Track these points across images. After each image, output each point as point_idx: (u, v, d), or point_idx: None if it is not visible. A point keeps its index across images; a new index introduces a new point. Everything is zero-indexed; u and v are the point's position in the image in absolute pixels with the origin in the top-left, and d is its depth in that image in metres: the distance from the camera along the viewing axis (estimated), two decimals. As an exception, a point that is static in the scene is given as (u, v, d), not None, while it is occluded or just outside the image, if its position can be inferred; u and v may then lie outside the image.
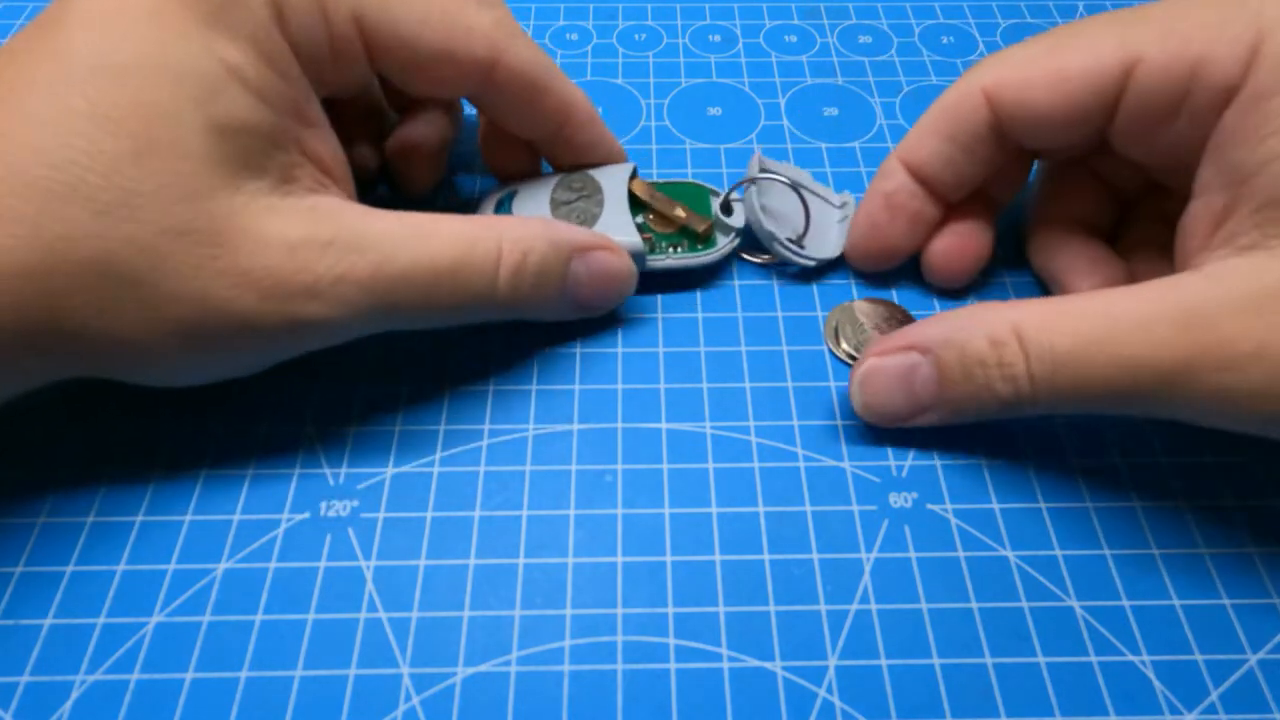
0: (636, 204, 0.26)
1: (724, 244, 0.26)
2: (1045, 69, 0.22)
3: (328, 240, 0.19)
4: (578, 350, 0.25)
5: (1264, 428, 0.18)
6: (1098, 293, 0.20)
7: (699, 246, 0.26)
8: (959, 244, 0.25)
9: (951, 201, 0.25)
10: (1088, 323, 0.19)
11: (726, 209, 0.27)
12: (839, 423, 0.23)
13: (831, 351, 0.25)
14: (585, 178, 0.26)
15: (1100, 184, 0.26)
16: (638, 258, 0.25)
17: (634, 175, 0.27)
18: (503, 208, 0.26)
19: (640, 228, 0.26)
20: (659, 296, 0.26)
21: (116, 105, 0.17)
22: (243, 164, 0.19)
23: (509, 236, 0.22)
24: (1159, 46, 0.20)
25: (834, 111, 0.32)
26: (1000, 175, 0.25)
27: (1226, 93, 0.19)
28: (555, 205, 0.26)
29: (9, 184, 0.17)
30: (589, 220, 0.25)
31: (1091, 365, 0.19)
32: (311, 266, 0.19)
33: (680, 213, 0.26)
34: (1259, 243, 0.18)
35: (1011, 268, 0.27)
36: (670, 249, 0.26)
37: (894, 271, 0.27)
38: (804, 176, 0.28)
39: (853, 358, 0.25)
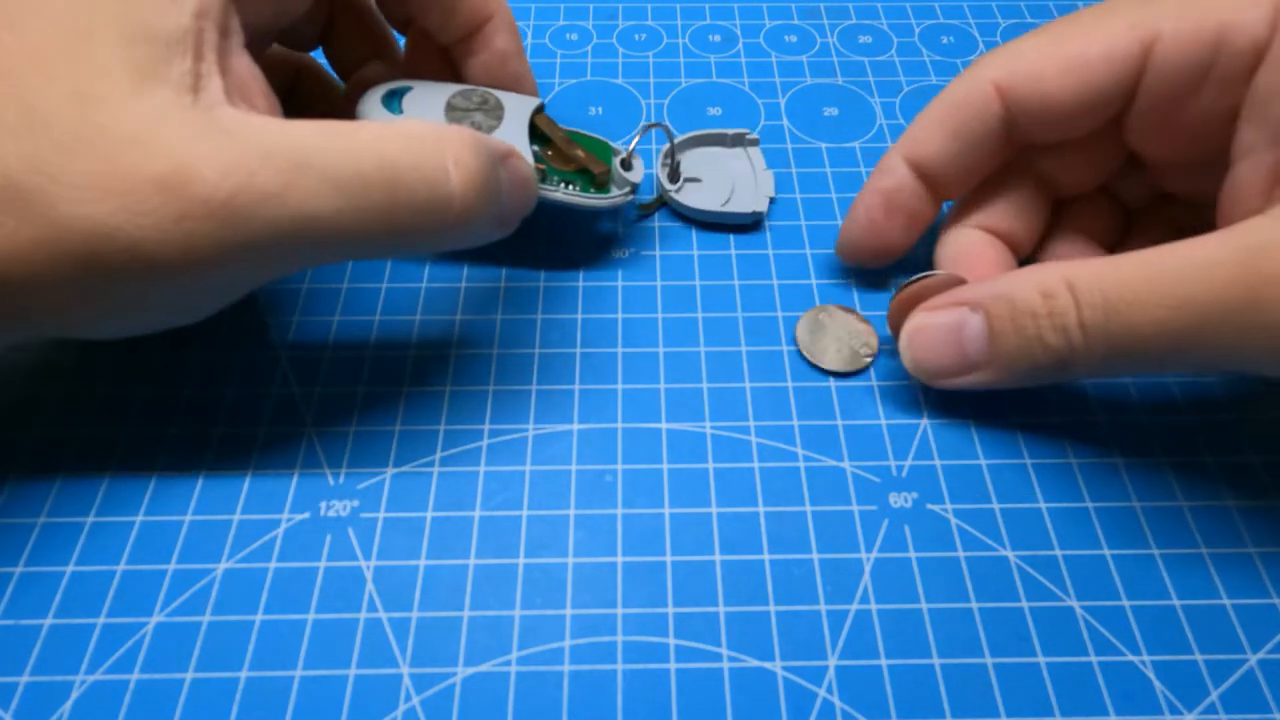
0: (536, 137, 0.25)
1: (616, 194, 0.26)
2: (1058, 57, 0.21)
3: (222, 146, 0.17)
4: (578, 350, 0.25)
5: None
6: (1156, 248, 0.19)
7: (591, 189, 0.26)
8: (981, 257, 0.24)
9: (951, 198, 0.25)
10: (1143, 269, 0.18)
11: (626, 165, 0.26)
12: (839, 423, 0.23)
13: (801, 354, 0.25)
14: (488, 94, 0.25)
15: (1111, 199, 0.25)
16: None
17: (540, 110, 0.26)
18: (392, 101, 0.24)
19: (536, 157, 0.25)
20: (660, 297, 0.26)
21: (37, 31, 0.17)
22: (148, 70, 0.17)
23: (450, 136, 0.19)
24: (1176, 21, 0.20)
25: (834, 111, 0.32)
26: (1023, 216, 0.25)
27: (1255, 54, 0.19)
28: (450, 109, 0.24)
29: None
30: (485, 131, 0.24)
31: (1146, 307, 0.18)
32: (204, 176, 0.16)
33: (579, 154, 0.25)
34: None
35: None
36: (562, 186, 0.25)
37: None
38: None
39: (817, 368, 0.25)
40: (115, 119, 0.17)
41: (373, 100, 0.24)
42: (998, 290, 0.21)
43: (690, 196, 0.28)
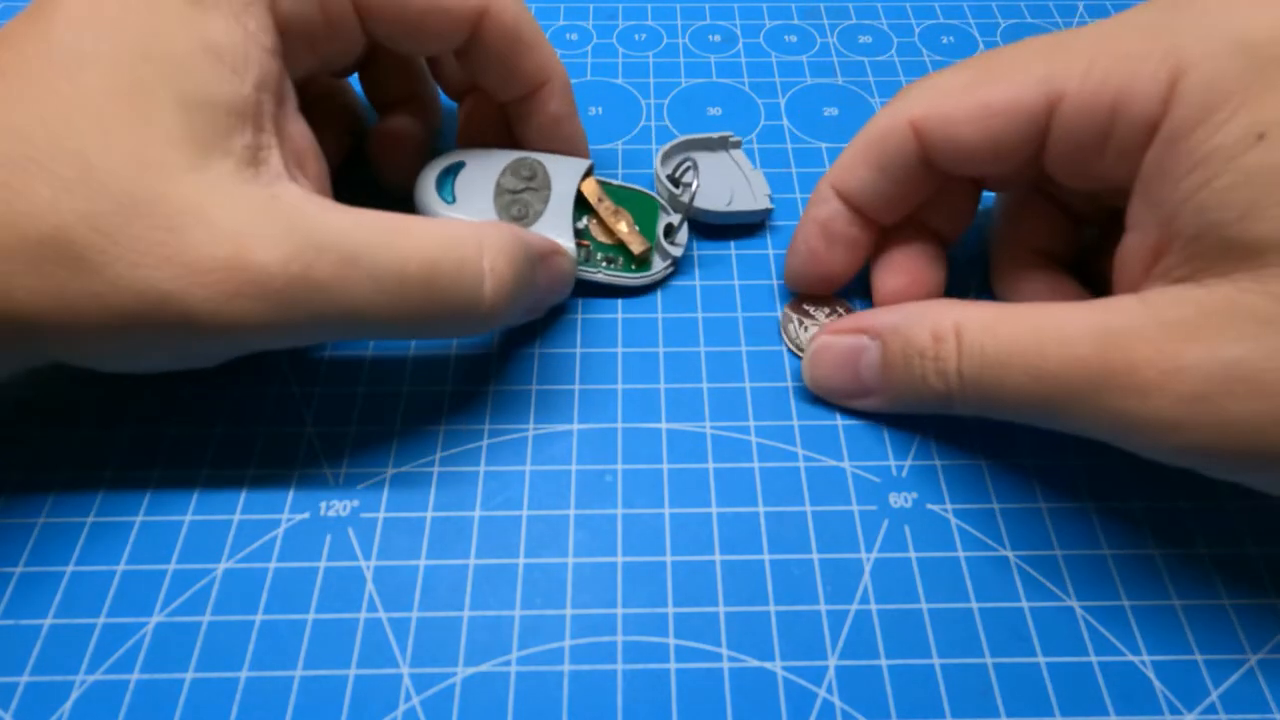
0: (582, 204, 0.26)
1: (658, 269, 0.26)
2: (969, 104, 0.21)
3: (284, 234, 0.18)
4: (578, 350, 0.25)
5: (1174, 458, 0.18)
6: (1044, 305, 0.20)
7: (633, 267, 0.26)
8: (908, 282, 0.24)
9: (886, 225, 0.25)
10: (1020, 330, 0.19)
11: (669, 233, 0.26)
12: (839, 423, 0.23)
13: (786, 346, 0.25)
14: (537, 166, 0.26)
15: (1059, 211, 0.25)
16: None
17: (588, 173, 0.26)
18: (445, 183, 0.25)
19: (580, 233, 0.26)
20: (660, 297, 0.26)
21: (94, 87, 0.17)
22: (209, 141, 0.18)
23: (490, 239, 0.21)
24: (1080, 82, 0.19)
25: (834, 111, 0.32)
26: (945, 208, 0.25)
27: (1148, 129, 0.18)
28: (500, 192, 0.25)
29: None
30: (531, 217, 0.25)
31: (1011, 371, 0.19)
32: (263, 262, 0.17)
33: (623, 228, 0.26)
34: (1190, 276, 0.18)
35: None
36: (604, 262, 0.26)
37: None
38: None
39: (800, 349, 0.25)
40: (176, 188, 0.17)
41: (428, 182, 0.25)
42: (896, 323, 0.22)
43: (703, 200, 0.27)
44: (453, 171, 0.26)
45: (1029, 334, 0.19)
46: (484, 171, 0.26)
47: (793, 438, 0.23)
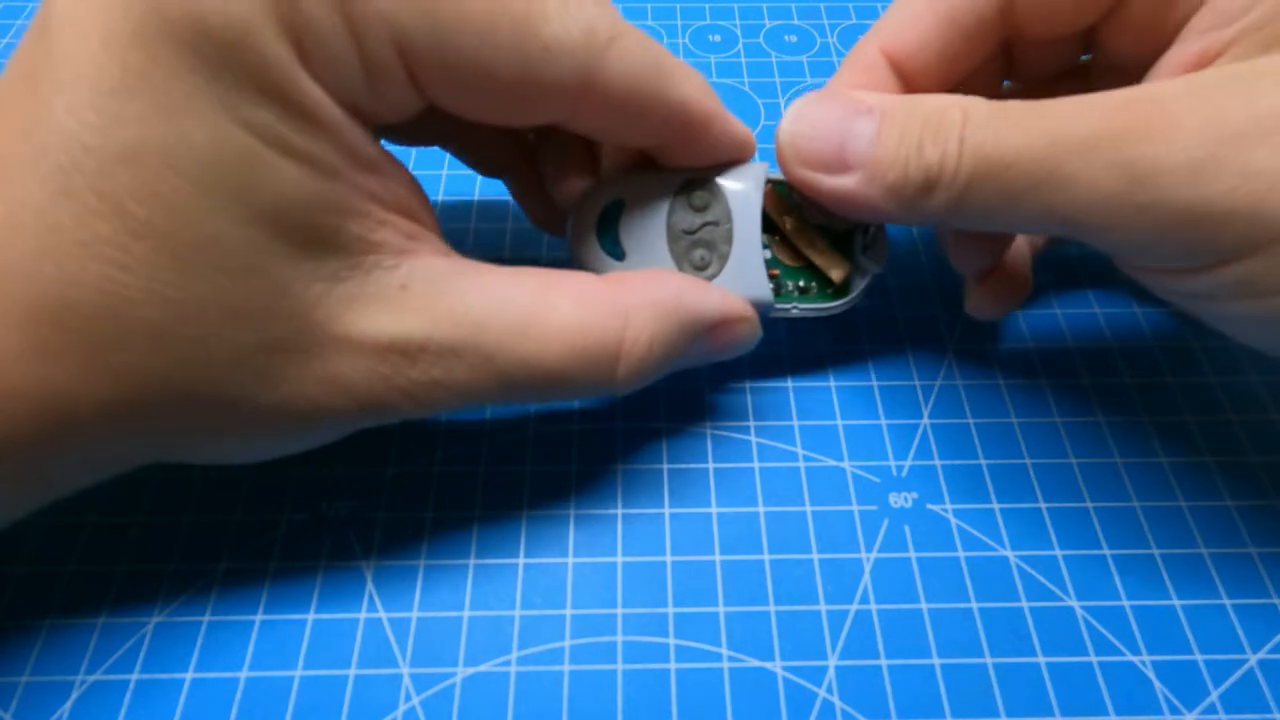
0: (768, 222, 0.22)
1: (858, 290, 0.22)
2: None
3: (422, 341, 0.17)
4: (578, 350, 0.25)
5: (1177, 230, 0.16)
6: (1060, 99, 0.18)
7: (829, 292, 0.22)
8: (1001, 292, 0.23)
9: None
10: (1034, 104, 0.17)
11: (868, 248, 0.22)
12: (839, 423, 0.23)
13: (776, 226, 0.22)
14: (711, 192, 0.21)
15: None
16: (761, 308, 0.21)
17: (768, 185, 0.22)
18: (608, 231, 0.22)
19: (767, 262, 0.22)
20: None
21: (134, 200, 0.14)
22: (308, 249, 0.16)
23: (634, 324, 0.19)
24: None
25: (834, 111, 0.32)
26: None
27: None
28: (674, 238, 0.21)
29: (37, 310, 0.14)
30: (715, 263, 0.21)
31: (1021, 133, 0.17)
32: (405, 372, 0.17)
33: (819, 252, 0.22)
34: (1243, 57, 0.17)
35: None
36: (795, 291, 0.22)
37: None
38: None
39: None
40: (297, 312, 0.16)
41: (588, 233, 0.22)
42: (901, 102, 0.19)
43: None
44: (612, 214, 0.22)
45: (1045, 105, 0.17)
46: (649, 209, 0.21)
47: (793, 438, 0.23)
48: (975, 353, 0.25)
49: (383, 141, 0.19)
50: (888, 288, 0.26)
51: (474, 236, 0.28)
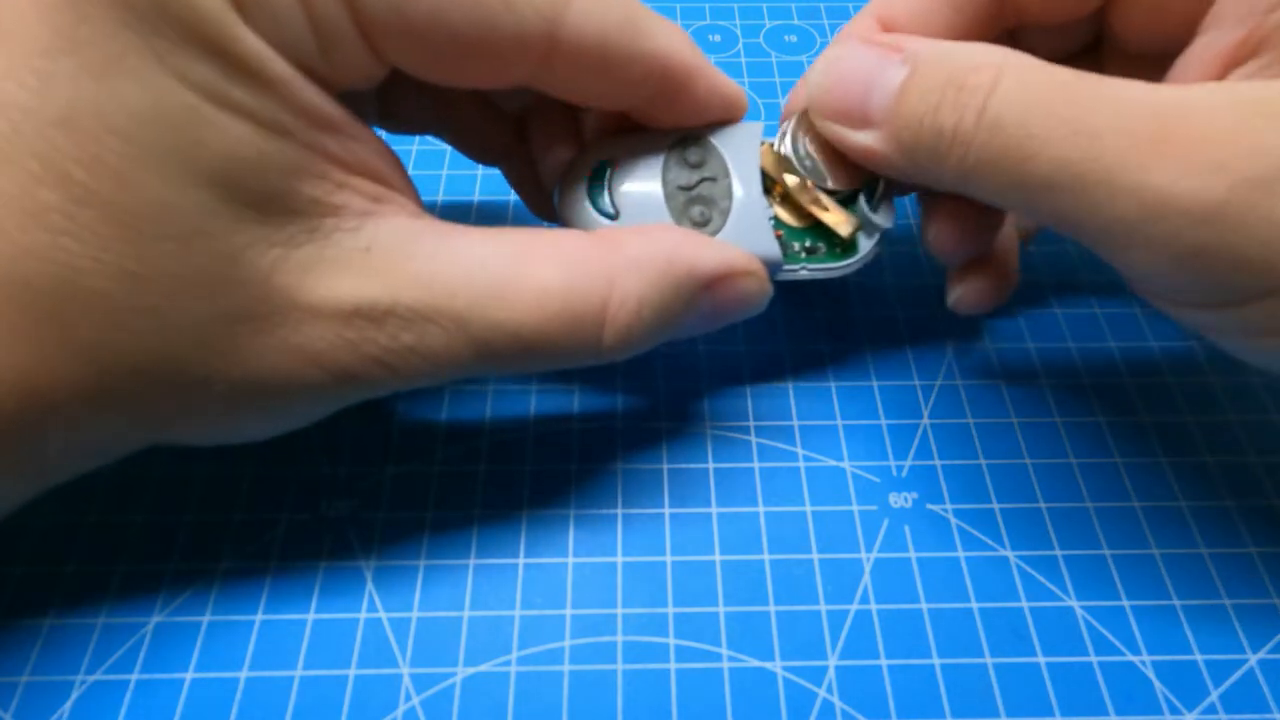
0: (769, 182, 0.21)
1: (866, 249, 0.21)
2: None
3: (389, 305, 0.16)
4: (578, 350, 0.25)
5: (1200, 273, 0.15)
6: (1100, 76, 0.16)
7: (838, 251, 0.21)
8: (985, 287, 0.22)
9: None
10: (1069, 77, 0.16)
11: (876, 204, 0.21)
12: (839, 423, 0.23)
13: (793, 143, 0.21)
14: (705, 149, 0.20)
15: None
16: (769, 268, 0.20)
17: (764, 145, 0.21)
18: (597, 191, 0.20)
19: (774, 224, 0.21)
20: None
21: (76, 165, 0.14)
22: (261, 212, 0.15)
23: (621, 285, 0.17)
24: None
25: (834, 111, 0.32)
26: None
27: None
28: (671, 194, 0.20)
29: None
30: (717, 219, 0.20)
31: (1047, 120, 0.16)
32: (373, 338, 0.16)
33: (827, 209, 0.20)
34: None
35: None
36: (802, 252, 0.21)
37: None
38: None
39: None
40: (255, 279, 0.15)
41: (577, 195, 0.20)
42: (937, 49, 0.17)
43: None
44: (601, 175, 0.20)
45: (1080, 82, 0.16)
46: (642, 167, 0.20)
47: (793, 438, 0.23)
48: (975, 353, 0.25)
49: (383, 136, 0.19)
50: (887, 287, 0.26)
51: (474, 236, 0.28)
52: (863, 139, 0.18)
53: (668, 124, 0.21)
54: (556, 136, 0.22)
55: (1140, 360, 0.25)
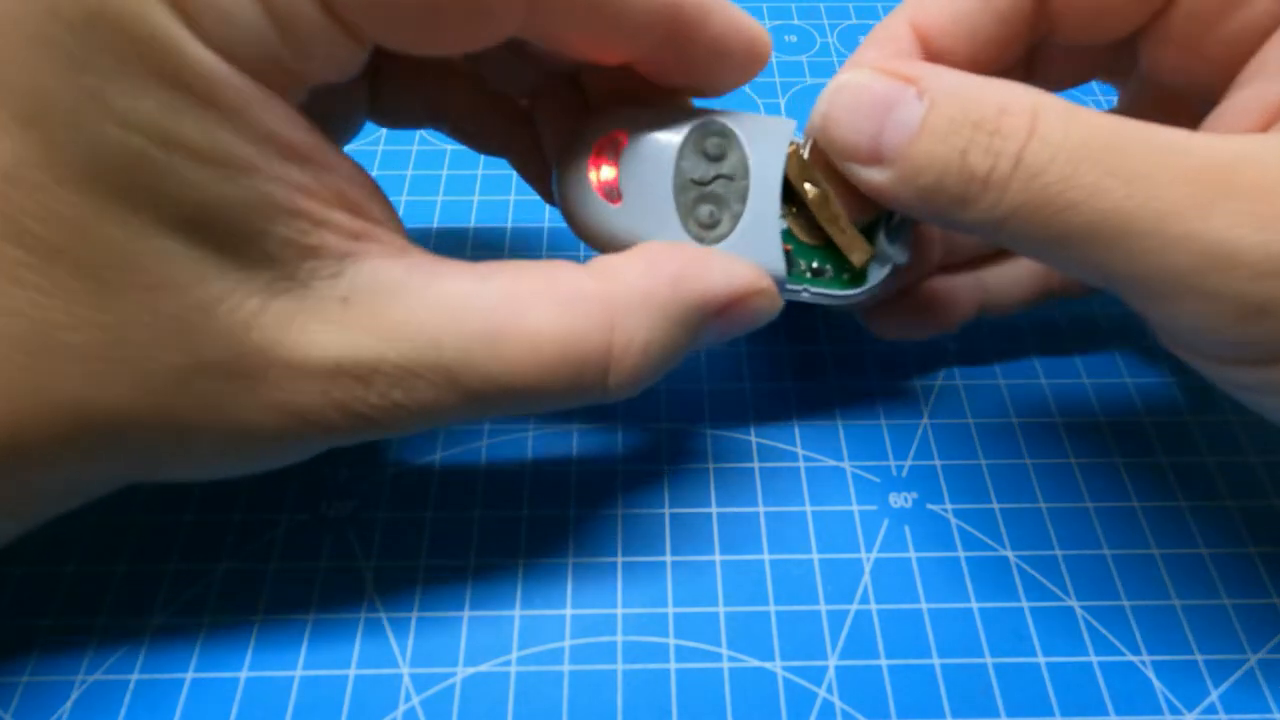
0: (787, 190, 0.19)
1: (875, 280, 0.20)
2: None
3: (373, 363, 0.15)
4: (578, 350, 0.25)
5: (1253, 323, 0.14)
6: (1144, 122, 0.15)
7: (845, 277, 0.20)
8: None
9: None
10: (1114, 125, 0.15)
11: (894, 234, 0.19)
12: (839, 423, 0.23)
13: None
14: (728, 140, 0.19)
15: None
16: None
17: (792, 148, 0.19)
18: (600, 170, 0.19)
19: (784, 236, 0.19)
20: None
21: (31, 219, 0.13)
22: (232, 259, 0.14)
23: (624, 326, 0.16)
24: None
25: (834, 111, 0.32)
26: None
27: None
28: (682, 187, 0.18)
29: None
30: (725, 225, 0.19)
31: (1091, 168, 0.15)
32: (361, 396, 0.15)
33: (843, 231, 0.19)
34: None
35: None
36: (808, 272, 0.20)
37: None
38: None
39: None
40: (228, 334, 0.14)
41: (579, 176, 0.19)
42: (957, 85, 0.16)
43: None
44: (606, 151, 0.19)
45: (1124, 127, 0.15)
46: (655, 148, 0.18)
47: (793, 438, 0.23)
48: (975, 353, 0.25)
49: (382, 135, 0.19)
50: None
51: (474, 236, 0.28)
52: (873, 177, 0.17)
53: (679, 81, 0.19)
54: (563, 116, 0.21)
55: (1140, 360, 0.25)
